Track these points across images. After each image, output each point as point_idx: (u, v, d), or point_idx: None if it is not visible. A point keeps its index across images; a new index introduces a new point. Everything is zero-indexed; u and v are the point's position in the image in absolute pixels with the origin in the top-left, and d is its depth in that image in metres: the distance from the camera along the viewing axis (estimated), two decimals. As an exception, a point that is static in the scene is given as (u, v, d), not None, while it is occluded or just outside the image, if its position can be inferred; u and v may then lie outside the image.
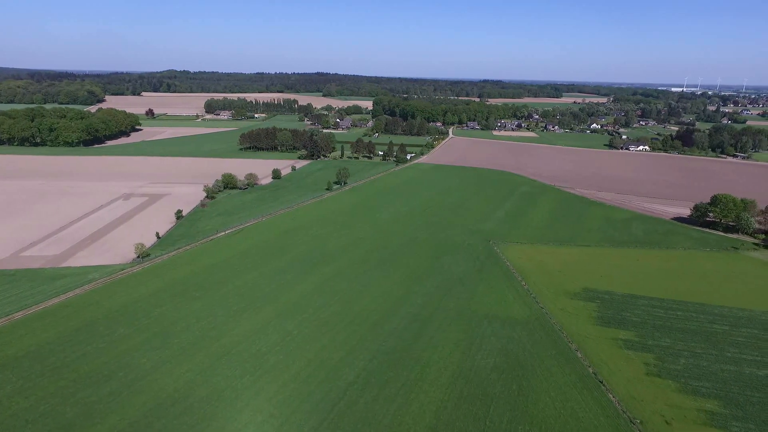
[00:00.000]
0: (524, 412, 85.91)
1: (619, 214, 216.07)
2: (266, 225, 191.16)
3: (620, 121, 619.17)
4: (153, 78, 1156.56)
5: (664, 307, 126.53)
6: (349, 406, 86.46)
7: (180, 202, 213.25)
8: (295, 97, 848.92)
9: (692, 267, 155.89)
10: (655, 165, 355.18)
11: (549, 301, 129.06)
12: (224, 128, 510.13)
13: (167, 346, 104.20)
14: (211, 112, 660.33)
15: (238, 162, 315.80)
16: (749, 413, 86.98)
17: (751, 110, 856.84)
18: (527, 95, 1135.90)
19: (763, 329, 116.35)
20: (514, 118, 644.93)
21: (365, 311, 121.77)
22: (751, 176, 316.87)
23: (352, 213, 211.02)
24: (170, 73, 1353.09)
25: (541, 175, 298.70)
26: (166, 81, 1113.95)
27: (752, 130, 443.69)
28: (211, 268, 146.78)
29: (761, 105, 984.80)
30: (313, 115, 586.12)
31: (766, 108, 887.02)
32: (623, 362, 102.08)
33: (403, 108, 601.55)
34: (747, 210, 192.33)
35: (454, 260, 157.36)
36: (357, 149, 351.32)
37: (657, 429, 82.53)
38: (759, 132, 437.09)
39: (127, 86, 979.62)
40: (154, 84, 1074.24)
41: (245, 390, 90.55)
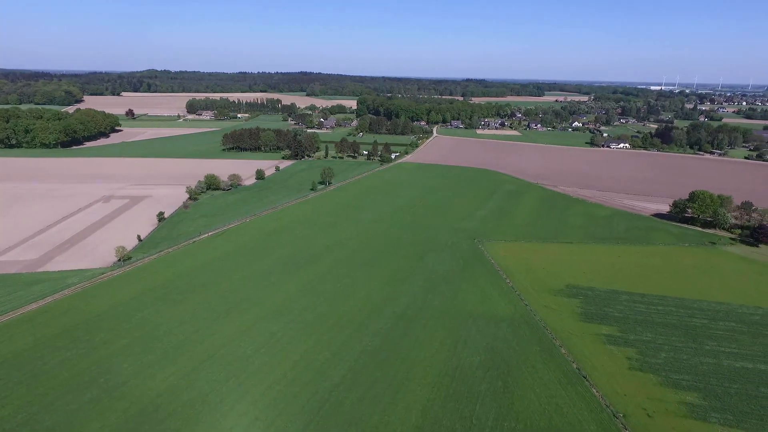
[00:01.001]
0: (510, 409, 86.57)
1: (600, 211, 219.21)
2: (250, 226, 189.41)
3: (601, 119, 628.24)
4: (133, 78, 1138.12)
5: (645, 302, 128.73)
6: (335, 407, 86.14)
7: (162, 204, 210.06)
8: (279, 96, 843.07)
9: (672, 262, 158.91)
10: (636, 162, 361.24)
11: (533, 298, 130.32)
12: (206, 128, 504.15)
13: (149, 351, 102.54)
14: (193, 113, 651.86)
15: (221, 163, 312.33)
16: (727, 404, 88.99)
17: (727, 108, 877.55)
18: (510, 94, 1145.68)
19: (740, 322, 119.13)
20: (498, 117, 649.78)
21: (351, 312, 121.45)
22: (727, 173, 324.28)
23: (336, 213, 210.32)
24: (151, 72, 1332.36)
25: (525, 173, 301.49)
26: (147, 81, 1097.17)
27: (728, 128, 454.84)
28: (194, 271, 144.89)
29: (736, 103, 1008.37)
30: (297, 115, 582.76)
31: (741, 106, 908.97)
32: (606, 357, 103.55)
33: (388, 107, 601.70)
34: (724, 206, 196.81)
35: (439, 259, 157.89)
36: (341, 149, 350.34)
37: (639, 422, 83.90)
38: (734, 129, 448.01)
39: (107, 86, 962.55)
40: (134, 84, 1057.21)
41: (230, 393, 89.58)
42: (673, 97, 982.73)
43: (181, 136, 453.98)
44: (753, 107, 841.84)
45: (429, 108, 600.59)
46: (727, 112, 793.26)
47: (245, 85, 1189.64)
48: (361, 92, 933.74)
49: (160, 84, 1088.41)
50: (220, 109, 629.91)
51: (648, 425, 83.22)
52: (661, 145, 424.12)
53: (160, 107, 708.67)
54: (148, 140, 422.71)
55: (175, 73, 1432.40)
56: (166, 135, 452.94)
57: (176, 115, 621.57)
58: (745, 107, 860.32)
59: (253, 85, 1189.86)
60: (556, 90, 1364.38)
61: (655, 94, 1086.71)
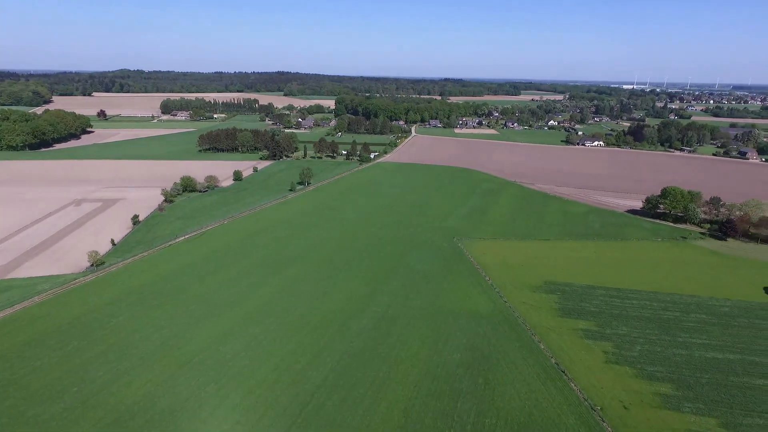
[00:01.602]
0: (491, 405, 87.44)
1: (576, 208, 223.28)
2: (228, 228, 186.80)
3: (576, 117, 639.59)
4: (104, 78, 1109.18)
5: (620, 297, 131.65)
6: (317, 410, 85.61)
7: (136, 207, 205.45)
8: (256, 96, 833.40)
9: (645, 257, 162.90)
10: (610, 160, 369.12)
11: (512, 295, 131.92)
12: (182, 129, 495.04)
13: (125, 358, 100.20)
14: (168, 113, 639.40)
15: (197, 164, 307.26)
16: (699, 394, 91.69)
17: (696, 106, 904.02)
18: (487, 93, 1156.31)
19: (711, 314, 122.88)
20: (475, 116, 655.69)
21: (331, 312, 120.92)
22: (696, 169, 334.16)
23: (316, 213, 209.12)
24: (123, 72, 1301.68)
25: (502, 172, 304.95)
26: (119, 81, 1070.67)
27: (697, 125, 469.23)
28: (171, 275, 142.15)
29: (704, 101, 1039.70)
30: (275, 115, 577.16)
31: (709, 104, 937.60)
32: (583, 351, 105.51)
33: (366, 107, 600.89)
34: (694, 201, 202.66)
35: (419, 258, 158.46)
36: (320, 149, 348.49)
37: (616, 415, 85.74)
38: (702, 127, 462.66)
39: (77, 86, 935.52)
40: (105, 84, 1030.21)
41: (209, 398, 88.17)
42: (644, 96, 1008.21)
43: (156, 137, 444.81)
44: (720, 105, 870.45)
45: (407, 107, 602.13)
46: (695, 110, 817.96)
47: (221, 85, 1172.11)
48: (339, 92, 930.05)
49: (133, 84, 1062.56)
50: (196, 110, 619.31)
51: (624, 417, 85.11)
52: (633, 142, 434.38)
53: (133, 108, 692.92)
54: (121, 141, 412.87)
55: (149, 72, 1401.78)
56: (140, 136, 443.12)
57: (150, 116, 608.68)
58: (713, 105, 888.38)
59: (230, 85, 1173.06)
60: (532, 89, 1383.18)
61: (627, 93, 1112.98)
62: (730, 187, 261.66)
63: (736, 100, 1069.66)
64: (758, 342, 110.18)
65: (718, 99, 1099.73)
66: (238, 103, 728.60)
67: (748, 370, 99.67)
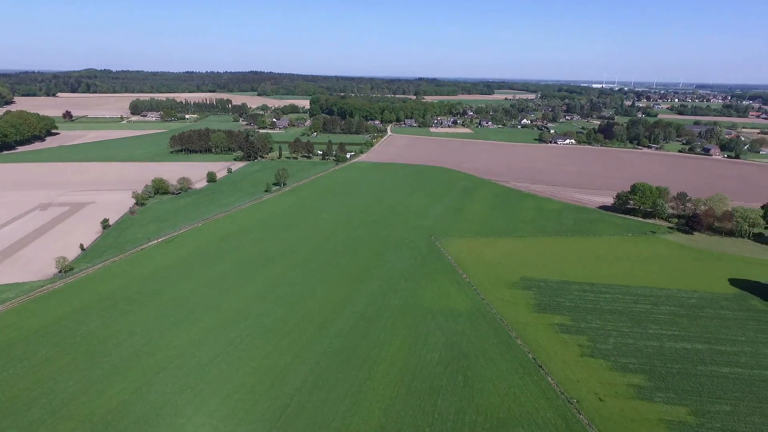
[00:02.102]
0: (470, 402, 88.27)
1: (550, 205, 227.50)
2: (202, 230, 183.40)
3: (548, 116, 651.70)
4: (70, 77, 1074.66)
5: (594, 291, 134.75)
6: (297, 412, 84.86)
7: (106, 211, 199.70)
8: (229, 96, 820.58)
9: (617, 252, 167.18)
10: (581, 157, 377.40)
11: (489, 292, 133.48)
12: (153, 130, 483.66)
13: (97, 366, 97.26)
14: (138, 114, 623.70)
15: (169, 166, 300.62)
16: (670, 384, 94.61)
17: (662, 104, 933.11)
18: (461, 92, 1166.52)
19: (680, 306, 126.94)
20: (450, 115, 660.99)
21: (310, 314, 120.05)
22: (663, 165, 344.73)
23: (292, 214, 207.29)
24: (89, 72, 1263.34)
25: (478, 170, 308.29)
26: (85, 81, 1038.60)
27: (663, 123, 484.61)
28: (144, 279, 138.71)
29: (669, 100, 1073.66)
30: (249, 115, 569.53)
31: (674, 103, 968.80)
32: (559, 346, 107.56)
33: (341, 106, 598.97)
34: (662, 197, 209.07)
35: (397, 257, 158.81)
36: (295, 149, 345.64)
37: (592, 406, 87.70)
38: (668, 125, 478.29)
39: (40, 86, 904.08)
40: (71, 84, 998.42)
41: (186, 405, 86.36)
42: (613, 95, 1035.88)
43: (126, 138, 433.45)
44: (684, 104, 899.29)
45: (383, 107, 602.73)
46: (661, 108, 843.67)
47: (193, 84, 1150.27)
48: (313, 92, 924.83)
49: (100, 84, 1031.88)
50: (167, 110, 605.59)
51: (600, 409, 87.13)
52: (603, 140, 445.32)
53: (101, 108, 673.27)
54: (89, 143, 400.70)
55: (117, 72, 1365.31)
56: (108, 138, 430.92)
57: (119, 117, 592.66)
58: (677, 104, 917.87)
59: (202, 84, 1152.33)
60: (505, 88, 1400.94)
61: (596, 92, 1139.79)
62: (696, 182, 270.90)
63: (699, 99, 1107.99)
64: (723, 332, 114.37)
65: (683, 97, 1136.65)
66: (210, 104, 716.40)
67: (715, 359, 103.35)
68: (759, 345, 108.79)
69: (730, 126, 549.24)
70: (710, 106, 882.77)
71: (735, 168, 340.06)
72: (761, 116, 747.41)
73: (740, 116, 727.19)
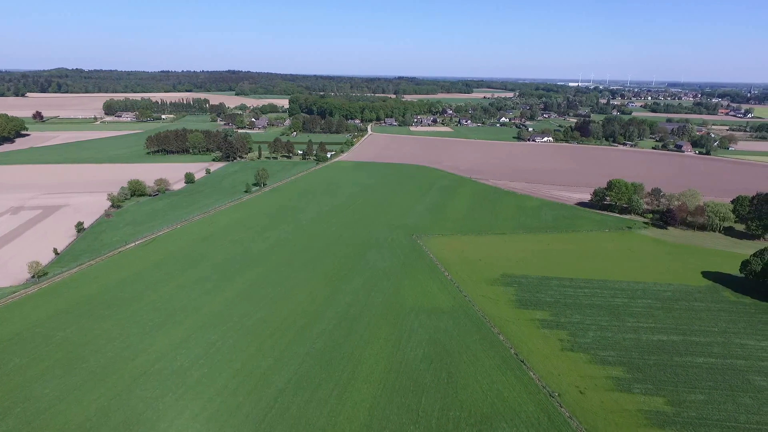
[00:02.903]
0: (454, 399, 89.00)
1: (530, 202, 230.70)
2: (181, 232, 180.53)
3: (526, 114, 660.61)
4: (40, 77, 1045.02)
5: (573, 286, 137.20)
6: (281, 414, 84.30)
7: (81, 214, 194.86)
8: (206, 96, 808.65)
9: (595, 247, 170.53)
10: (559, 154, 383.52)
11: (471, 289, 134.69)
12: (128, 131, 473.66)
13: (74, 373, 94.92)
14: (112, 114, 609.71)
15: (145, 167, 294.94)
16: (647, 375, 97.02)
17: (635, 102, 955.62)
18: (441, 91, 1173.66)
19: (655, 299, 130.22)
20: (430, 114, 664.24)
21: (292, 315, 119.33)
22: (638, 162, 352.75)
23: (273, 215, 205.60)
24: (60, 71, 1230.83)
25: (458, 168, 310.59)
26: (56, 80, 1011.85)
27: (637, 121, 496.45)
28: (122, 283, 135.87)
29: (643, 98, 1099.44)
30: (227, 115, 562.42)
31: (647, 101, 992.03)
32: (540, 341, 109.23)
33: (321, 106, 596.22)
34: (637, 193, 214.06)
35: (379, 256, 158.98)
36: (275, 149, 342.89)
37: (573, 399, 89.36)
38: (642, 122, 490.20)
39: (8, 86, 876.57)
40: (41, 84, 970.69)
41: (167, 410, 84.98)
42: (589, 93, 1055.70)
43: (100, 139, 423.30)
44: (657, 102, 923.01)
45: (363, 106, 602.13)
46: (635, 106, 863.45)
47: (169, 84, 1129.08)
48: (292, 91, 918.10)
49: (72, 84, 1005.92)
50: (142, 110, 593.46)
51: (581, 401, 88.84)
52: (580, 137, 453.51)
53: (73, 109, 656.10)
54: (61, 145, 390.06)
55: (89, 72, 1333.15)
56: (82, 139, 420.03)
57: (93, 117, 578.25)
58: (651, 102, 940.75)
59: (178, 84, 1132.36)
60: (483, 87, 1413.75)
61: (573, 90, 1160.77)
62: (669, 178, 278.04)
63: (671, 97, 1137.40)
64: (697, 323, 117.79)
65: (656, 95, 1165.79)
66: (187, 103, 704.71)
67: (690, 349, 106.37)
68: (730, 335, 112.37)
69: (700, 123, 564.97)
70: (682, 103, 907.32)
71: (706, 164, 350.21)
72: (730, 113, 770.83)
73: (710, 114, 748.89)
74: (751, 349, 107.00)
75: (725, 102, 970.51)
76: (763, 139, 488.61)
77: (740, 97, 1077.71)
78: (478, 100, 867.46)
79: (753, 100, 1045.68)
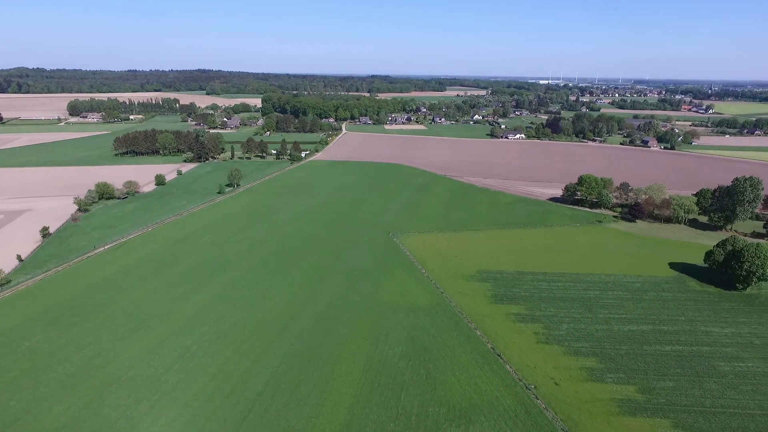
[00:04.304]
0: (433, 395, 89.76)
1: (504, 199, 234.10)
2: (153, 236, 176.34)
3: (499, 112, 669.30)
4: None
5: (547, 280, 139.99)
6: (259, 417, 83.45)
7: (46, 218, 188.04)
8: (176, 96, 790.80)
9: (567, 241, 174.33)
10: (531, 151, 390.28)
11: (448, 286, 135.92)
12: (94, 132, 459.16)
13: (42, 383, 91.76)
14: (77, 115, 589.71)
15: (114, 169, 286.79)
16: (619, 365, 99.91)
17: (603, 99, 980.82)
18: (414, 89, 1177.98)
19: (626, 290, 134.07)
20: (404, 112, 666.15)
21: (270, 316, 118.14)
22: (607, 157, 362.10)
23: (248, 216, 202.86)
24: (20, 71, 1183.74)
25: (433, 166, 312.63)
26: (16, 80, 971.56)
27: (605, 117, 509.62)
28: (91, 289, 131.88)
29: (610, 95, 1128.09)
30: (198, 115, 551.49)
31: (614, 98, 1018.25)
32: (516, 334, 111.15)
33: (294, 105, 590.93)
34: (606, 187, 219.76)
35: (357, 255, 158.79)
36: (248, 149, 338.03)
37: (548, 391, 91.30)
38: (611, 119, 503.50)
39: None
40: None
41: (142, 418, 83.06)
42: (559, 90, 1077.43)
43: (65, 141, 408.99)
44: (624, 98, 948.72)
45: (337, 105, 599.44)
46: (603, 103, 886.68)
47: (136, 84, 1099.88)
48: (265, 90, 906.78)
49: (33, 84, 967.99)
50: (109, 111, 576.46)
51: (556, 393, 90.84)
52: (551, 134, 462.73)
53: (35, 110, 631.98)
54: (23, 147, 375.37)
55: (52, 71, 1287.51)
56: (45, 141, 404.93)
57: (56, 118, 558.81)
58: (618, 98, 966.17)
59: (146, 84, 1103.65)
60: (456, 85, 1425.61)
61: (543, 88, 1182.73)
62: (637, 172, 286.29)
63: (637, 94, 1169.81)
64: (665, 313, 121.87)
65: (622, 92, 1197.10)
66: (156, 103, 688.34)
67: (659, 338, 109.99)
68: (696, 323, 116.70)
69: (665, 119, 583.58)
70: (647, 100, 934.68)
71: (671, 158, 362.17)
72: (692, 110, 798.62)
73: (674, 110, 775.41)
74: (715, 336, 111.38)
75: (688, 98, 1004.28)
76: (723, 134, 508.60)
77: (702, 94, 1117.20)
78: (451, 98, 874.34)
79: (713, 96, 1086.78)
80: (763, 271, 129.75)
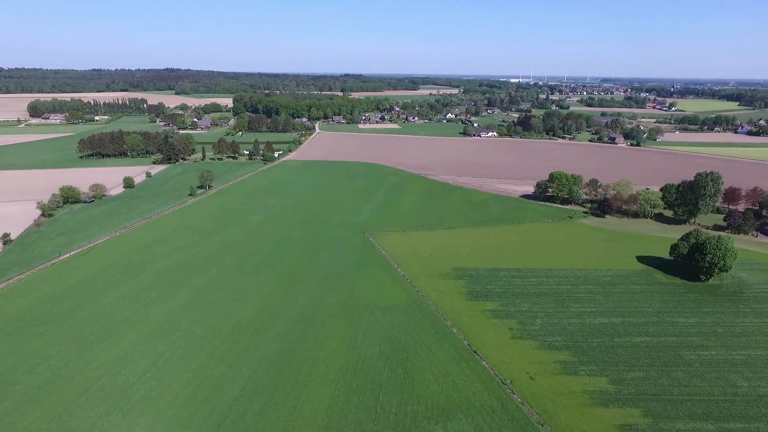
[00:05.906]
0: (411, 394, 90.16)
1: (477, 197, 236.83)
2: (121, 240, 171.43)
3: (471, 110, 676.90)
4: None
5: (521, 276, 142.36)
6: (236, 422, 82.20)
7: (6, 224, 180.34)
8: (144, 96, 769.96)
9: (539, 237, 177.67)
10: (503, 149, 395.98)
11: (423, 284, 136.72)
12: (57, 134, 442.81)
13: (6, 397, 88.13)
14: (38, 116, 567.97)
15: (79, 172, 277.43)
16: (591, 357, 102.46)
17: (572, 97, 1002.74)
18: (387, 88, 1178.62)
19: (596, 284, 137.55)
20: (378, 111, 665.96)
21: (245, 319, 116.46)
22: (576, 154, 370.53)
23: (220, 218, 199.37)
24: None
25: (407, 165, 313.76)
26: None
27: (574, 115, 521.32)
28: (57, 297, 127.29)
29: (579, 93, 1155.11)
30: (167, 116, 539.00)
31: (583, 96, 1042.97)
32: (492, 330, 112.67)
33: (267, 104, 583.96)
34: (576, 184, 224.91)
35: (332, 255, 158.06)
36: (220, 150, 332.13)
37: (524, 386, 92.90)
38: (579, 116, 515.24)
39: None
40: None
41: (113, 428, 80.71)
42: (529, 89, 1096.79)
43: (25, 143, 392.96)
44: (592, 96, 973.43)
45: (310, 104, 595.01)
46: (572, 101, 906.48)
47: (101, 83, 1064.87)
48: (236, 89, 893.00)
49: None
50: (73, 112, 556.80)
51: (531, 387, 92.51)
52: (522, 132, 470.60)
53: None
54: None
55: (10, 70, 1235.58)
56: (4, 143, 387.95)
57: (16, 120, 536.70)
58: (586, 96, 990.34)
59: (111, 83, 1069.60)
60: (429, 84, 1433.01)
61: (514, 86, 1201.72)
62: (605, 169, 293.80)
63: (605, 92, 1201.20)
64: (634, 305, 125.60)
65: (590, 90, 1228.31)
66: (123, 104, 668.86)
67: (628, 330, 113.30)
68: (663, 315, 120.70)
69: (631, 116, 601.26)
70: (614, 98, 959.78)
71: (637, 155, 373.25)
72: (656, 107, 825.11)
73: (639, 107, 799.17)
74: (681, 326, 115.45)
75: (652, 96, 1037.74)
76: (686, 130, 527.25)
77: (665, 92, 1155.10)
78: (424, 97, 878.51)
79: (676, 94, 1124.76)
80: (724, 263, 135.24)
